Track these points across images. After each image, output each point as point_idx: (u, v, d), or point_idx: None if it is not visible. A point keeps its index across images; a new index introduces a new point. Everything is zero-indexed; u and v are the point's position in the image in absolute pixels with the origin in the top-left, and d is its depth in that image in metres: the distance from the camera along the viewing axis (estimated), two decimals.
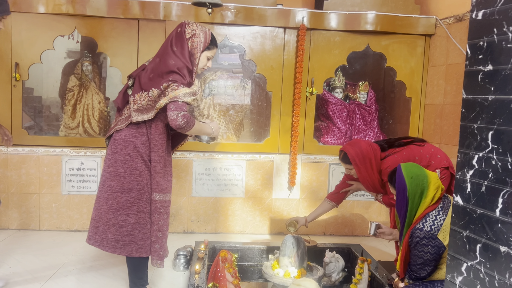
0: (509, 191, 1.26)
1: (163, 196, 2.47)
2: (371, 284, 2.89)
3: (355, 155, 2.77)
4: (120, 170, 2.42)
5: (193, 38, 2.38)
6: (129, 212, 2.45)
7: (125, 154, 2.40)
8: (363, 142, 2.86)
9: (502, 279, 1.27)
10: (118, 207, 2.44)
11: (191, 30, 2.38)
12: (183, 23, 2.42)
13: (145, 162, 2.43)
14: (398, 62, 4.15)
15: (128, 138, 2.41)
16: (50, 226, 3.95)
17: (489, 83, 1.34)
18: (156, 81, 2.33)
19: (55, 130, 4.21)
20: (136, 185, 2.43)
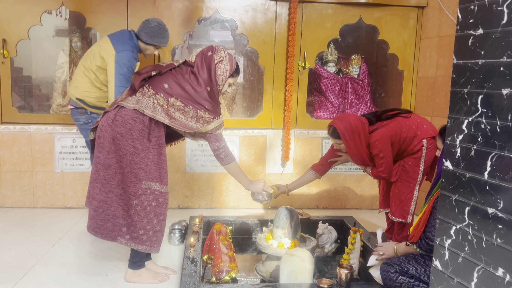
0: (497, 153, 1.27)
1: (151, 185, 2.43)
2: (363, 254, 2.95)
3: (345, 130, 2.77)
4: (107, 144, 2.40)
5: (219, 65, 2.45)
6: (101, 188, 2.43)
7: (117, 132, 2.38)
8: (352, 116, 2.85)
9: (489, 239, 1.30)
10: (96, 178, 2.45)
11: (219, 57, 2.46)
12: (213, 48, 2.48)
13: (134, 147, 2.38)
14: (390, 35, 4.13)
15: (128, 119, 2.38)
16: (45, 204, 3.96)
17: (480, 47, 1.34)
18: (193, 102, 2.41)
19: (46, 109, 4.17)
20: (115, 163, 2.41)
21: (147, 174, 2.41)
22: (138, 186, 2.40)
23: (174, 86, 2.40)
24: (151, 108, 2.38)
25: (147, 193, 2.42)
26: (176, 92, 2.40)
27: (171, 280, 2.66)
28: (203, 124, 2.44)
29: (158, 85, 2.41)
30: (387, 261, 2.31)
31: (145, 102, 2.39)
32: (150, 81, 2.45)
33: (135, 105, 2.38)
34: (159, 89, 2.40)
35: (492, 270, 1.29)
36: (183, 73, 2.45)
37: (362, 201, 4.30)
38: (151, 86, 2.42)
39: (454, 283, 1.44)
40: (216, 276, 2.59)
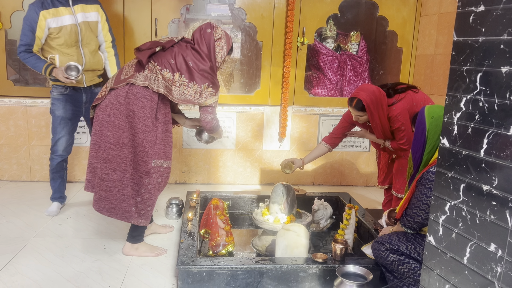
0: (494, 131, 1.28)
1: (159, 162, 2.48)
2: (357, 230, 2.99)
3: (370, 101, 2.70)
4: (120, 122, 2.40)
5: (218, 42, 2.53)
6: (116, 168, 2.43)
7: (129, 110, 2.38)
8: (374, 87, 2.79)
9: (483, 216, 1.32)
10: (107, 159, 2.43)
11: (218, 34, 2.53)
12: (212, 25, 2.55)
13: (146, 125, 2.40)
14: (390, 11, 4.08)
15: (140, 97, 2.38)
16: (42, 178, 3.97)
17: (480, 24, 1.33)
18: (197, 77, 2.46)
19: (41, 82, 4.13)
20: (128, 142, 2.42)
21: (156, 152, 2.45)
22: (150, 165, 2.44)
23: (179, 62, 2.43)
24: (159, 84, 2.40)
25: (156, 171, 2.47)
26: (181, 68, 2.44)
27: (169, 253, 2.70)
28: (206, 98, 2.49)
29: (164, 60, 2.43)
30: (378, 239, 2.34)
31: (153, 79, 2.40)
32: (155, 57, 2.44)
33: (144, 81, 2.38)
34: (164, 65, 2.42)
35: (485, 246, 1.32)
36: (185, 49, 2.48)
37: (358, 178, 4.34)
38: (157, 62, 2.43)
39: (447, 258, 1.47)
40: (213, 249, 2.63)
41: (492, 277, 1.30)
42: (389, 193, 3.16)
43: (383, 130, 2.84)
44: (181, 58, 2.45)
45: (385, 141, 2.91)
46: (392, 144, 2.88)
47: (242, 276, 2.30)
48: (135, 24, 3.83)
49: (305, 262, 2.37)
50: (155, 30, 3.84)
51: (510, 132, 1.23)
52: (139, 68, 2.43)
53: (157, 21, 3.84)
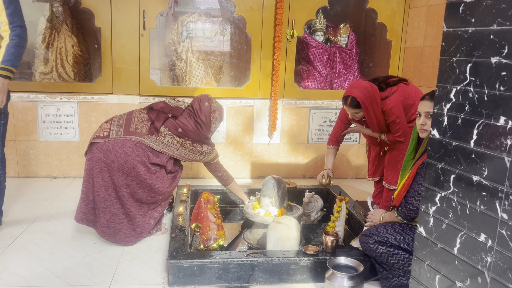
0: (484, 122, 1.28)
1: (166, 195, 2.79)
2: (348, 222, 3.01)
3: (364, 98, 2.71)
4: (126, 169, 2.58)
5: (213, 114, 2.85)
6: (124, 201, 2.63)
7: (137, 161, 2.59)
8: (365, 83, 2.79)
9: (473, 206, 1.33)
10: (116, 196, 2.62)
11: (213, 107, 2.85)
12: (208, 98, 2.88)
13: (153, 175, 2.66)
14: (379, 3, 4.08)
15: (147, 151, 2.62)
16: (29, 173, 3.92)
17: (470, 14, 1.33)
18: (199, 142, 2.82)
19: (28, 76, 4.06)
20: (135, 184, 2.63)
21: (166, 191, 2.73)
22: (158, 198, 2.72)
23: (186, 130, 2.75)
24: (169, 148, 2.69)
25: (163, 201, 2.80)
26: (187, 135, 2.76)
27: (160, 247, 2.69)
28: (205, 156, 2.84)
29: (174, 128, 2.73)
30: (365, 232, 2.35)
31: (163, 142, 2.67)
32: (166, 124, 2.72)
33: (155, 144, 2.64)
34: (174, 131, 2.72)
35: (475, 236, 1.33)
36: (189, 119, 2.78)
37: (348, 170, 4.35)
38: (168, 128, 2.71)
39: (438, 249, 1.48)
40: (204, 243, 2.62)
41: (482, 267, 1.31)
42: (380, 185, 3.18)
43: (378, 124, 2.85)
44: (187, 127, 2.75)
45: (381, 134, 2.92)
46: (388, 137, 2.89)
47: (233, 269, 2.30)
48: (122, 17, 3.78)
49: (296, 255, 2.37)
50: (143, 23, 3.80)
51: (499, 122, 1.23)
52: (152, 131, 2.68)
53: (145, 14, 3.79)
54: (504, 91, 1.22)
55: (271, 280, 2.34)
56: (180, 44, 4.13)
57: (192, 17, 4.16)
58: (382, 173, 3.13)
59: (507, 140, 1.21)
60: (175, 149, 2.72)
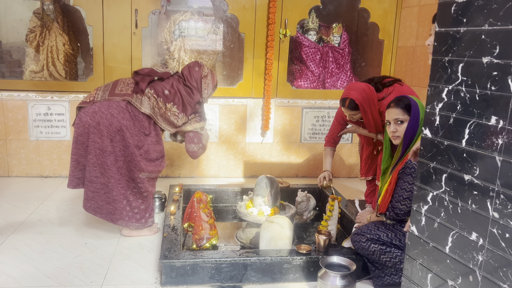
0: (475, 121, 1.29)
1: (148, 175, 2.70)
2: (340, 221, 3.02)
3: (362, 100, 2.70)
4: (110, 132, 2.55)
5: (205, 79, 2.81)
6: (103, 172, 2.60)
7: (123, 124, 2.56)
8: (362, 84, 2.79)
9: (464, 205, 1.34)
10: (96, 163, 2.59)
11: (204, 72, 2.82)
12: (200, 64, 2.84)
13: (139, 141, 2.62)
14: (371, 3, 4.09)
15: (137, 114, 2.60)
16: (20, 173, 3.88)
17: (462, 14, 1.33)
18: (187, 110, 2.75)
19: (18, 75, 4.02)
20: (118, 152, 2.59)
21: (146, 166, 2.66)
22: (137, 175, 2.64)
23: (172, 93, 2.69)
24: (151, 109, 2.63)
25: (145, 181, 2.68)
26: (174, 99, 2.69)
27: (152, 247, 2.67)
28: (190, 124, 2.77)
29: (159, 90, 2.67)
30: (357, 231, 2.36)
31: (148, 104, 2.62)
32: (152, 85, 2.67)
33: (145, 109, 2.61)
34: (160, 94, 2.66)
35: (466, 235, 1.34)
36: (178, 83, 2.74)
37: (341, 169, 4.36)
38: (153, 90, 2.66)
39: (429, 247, 1.49)
40: (197, 243, 2.61)
41: (473, 266, 1.32)
42: (372, 184, 3.19)
43: (375, 125, 2.84)
44: (175, 90, 2.70)
45: (377, 134, 2.93)
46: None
47: (226, 269, 2.29)
48: (115, 15, 3.75)
49: (289, 254, 2.37)
50: (136, 21, 3.77)
51: (491, 122, 1.24)
52: (137, 90, 2.64)
53: (137, 12, 3.77)
54: (495, 91, 1.23)
55: (264, 279, 2.34)
56: (172, 43, 4.12)
57: (184, 15, 4.15)
58: (375, 172, 3.14)
59: (498, 140, 1.22)
60: (160, 111, 2.66)
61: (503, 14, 1.20)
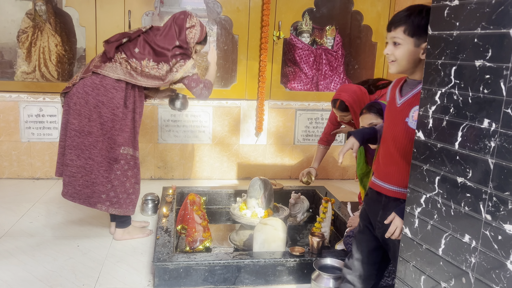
0: (468, 124, 1.30)
1: (127, 150, 2.56)
2: (334, 223, 3.02)
3: (352, 101, 2.72)
4: (86, 111, 2.46)
5: (191, 29, 2.59)
6: (80, 154, 2.50)
7: (98, 100, 2.46)
8: (354, 86, 2.81)
9: (457, 208, 1.35)
10: (72, 145, 2.49)
11: (192, 22, 2.60)
12: (186, 13, 2.62)
13: (115, 115, 2.49)
14: (365, 6, 4.11)
15: (109, 88, 2.47)
16: (11, 175, 3.84)
17: (455, 18, 1.34)
18: (165, 56, 2.52)
19: (9, 76, 3.99)
20: (97, 131, 2.48)
21: (125, 140, 2.52)
22: (118, 151, 2.52)
23: (144, 49, 2.51)
24: (127, 74, 2.48)
25: (124, 158, 2.54)
26: (147, 53, 2.51)
27: (145, 250, 2.66)
28: (177, 71, 2.54)
29: (129, 51, 2.50)
30: (349, 233, 2.37)
31: (120, 69, 2.48)
32: (121, 48, 2.51)
33: (110, 72, 2.46)
34: (130, 55, 2.50)
35: (459, 237, 1.34)
36: (152, 35, 2.55)
37: (334, 171, 4.37)
38: (123, 52, 2.50)
39: (423, 250, 1.49)
40: (190, 245, 2.60)
41: (466, 268, 1.32)
42: None
43: None
44: (146, 44, 2.51)
45: None
46: None
47: (219, 271, 2.28)
48: (108, 17, 3.73)
49: (282, 256, 2.37)
50: (129, 22, 3.76)
51: (483, 125, 1.25)
52: (105, 59, 2.50)
53: (131, 14, 3.75)
54: (488, 94, 1.23)
55: (257, 281, 2.33)
56: None
57: None
58: None
59: (491, 142, 1.23)
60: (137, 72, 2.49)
61: (495, 18, 1.21)
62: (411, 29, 1.59)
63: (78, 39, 4.17)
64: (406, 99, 1.67)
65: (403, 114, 1.65)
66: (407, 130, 1.63)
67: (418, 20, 1.59)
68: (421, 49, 1.60)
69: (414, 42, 1.60)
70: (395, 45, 1.63)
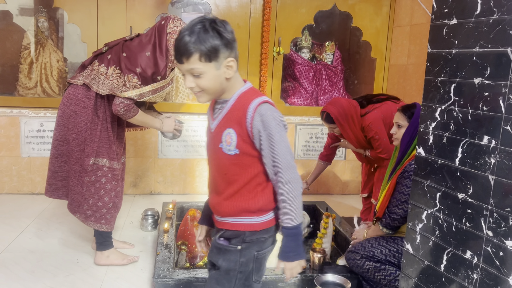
0: (468, 141, 1.31)
1: (99, 161, 2.47)
2: (335, 238, 3.01)
3: (338, 114, 2.80)
4: (64, 121, 2.47)
5: (172, 34, 2.36)
6: (67, 160, 2.51)
7: (72, 110, 2.43)
8: (343, 100, 2.89)
9: (458, 224, 1.35)
10: (57, 154, 2.51)
11: (173, 26, 2.37)
12: (168, 17, 2.42)
13: (85, 123, 2.41)
14: (364, 22, 4.16)
15: (81, 97, 2.43)
16: (11, 190, 3.84)
17: (453, 36, 1.37)
18: (128, 69, 2.35)
19: (11, 90, 4.01)
20: (72, 140, 2.46)
21: (94, 150, 2.45)
22: (87, 162, 2.44)
23: (115, 55, 2.39)
24: (94, 80, 2.39)
25: (94, 169, 2.46)
26: (116, 60, 2.38)
27: (145, 266, 2.64)
28: (128, 89, 2.32)
29: (104, 58, 2.43)
30: (351, 249, 2.36)
31: (91, 76, 2.41)
32: (99, 57, 2.46)
33: (84, 79, 2.41)
34: (102, 61, 2.41)
35: (461, 253, 1.34)
36: (132, 43, 2.42)
37: (334, 186, 4.37)
38: (98, 60, 2.44)
39: (425, 266, 1.49)
40: (190, 261, 2.59)
41: (468, 284, 1.32)
42: (368, 202, 3.20)
43: (357, 140, 2.91)
44: (120, 51, 2.38)
45: (365, 150, 2.98)
46: (371, 153, 2.95)
47: None
48: (109, 33, 3.77)
49: (283, 272, 2.35)
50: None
51: (483, 141, 1.26)
52: (81, 69, 2.48)
53: (132, 30, 3.79)
54: (487, 111, 1.25)
55: None
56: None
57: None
58: (371, 190, 3.16)
59: (491, 159, 1.24)
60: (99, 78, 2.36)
61: (493, 37, 1.23)
62: (207, 54, 1.35)
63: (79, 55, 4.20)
64: (218, 123, 1.49)
65: (217, 139, 1.48)
66: (225, 156, 1.47)
67: (208, 42, 1.35)
68: (224, 67, 1.40)
69: (215, 65, 1.38)
70: (195, 76, 1.39)
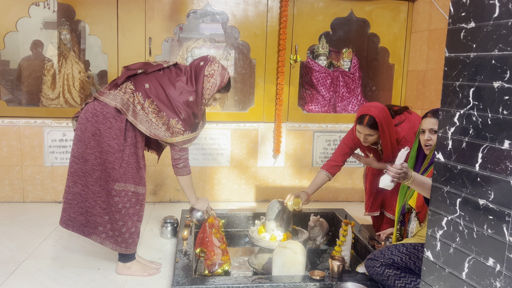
0: (488, 145, 1.29)
1: (125, 186, 2.43)
2: (354, 246, 2.98)
3: (382, 118, 2.57)
4: (85, 138, 2.39)
5: (209, 78, 2.40)
6: (77, 181, 2.43)
7: (96, 128, 2.36)
8: (380, 104, 2.68)
9: (480, 230, 1.32)
10: (70, 171, 2.44)
11: (211, 70, 2.41)
12: (207, 58, 2.45)
13: (110, 146, 2.36)
14: (381, 28, 4.14)
15: (109, 117, 2.36)
16: (35, 198, 3.93)
17: (471, 40, 1.35)
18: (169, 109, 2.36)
19: (35, 101, 4.12)
20: (94, 159, 2.40)
21: (121, 176, 2.40)
22: (112, 186, 2.40)
23: (155, 88, 2.37)
24: (128, 107, 2.35)
25: (121, 195, 2.43)
26: (155, 94, 2.36)
27: (164, 273, 2.66)
28: (171, 135, 2.41)
29: (140, 84, 2.38)
30: (371, 256, 2.33)
31: (120, 98, 2.36)
32: (134, 79, 2.42)
33: (116, 103, 2.35)
34: (139, 88, 2.37)
35: (483, 260, 1.31)
36: (170, 76, 2.41)
37: (353, 194, 4.33)
38: (133, 83, 2.39)
39: (445, 273, 1.46)
40: (209, 269, 2.59)
41: None
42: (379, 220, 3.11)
43: (392, 149, 2.71)
44: (159, 85, 2.36)
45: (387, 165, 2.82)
46: None
47: None
48: (129, 44, 3.85)
49: (302, 280, 2.34)
50: (149, 49, 3.87)
51: (504, 146, 1.24)
52: (112, 86, 2.41)
53: (151, 40, 3.86)
54: (508, 115, 1.23)
55: None
56: None
57: (197, 43, 4.24)
58: (382, 206, 3.08)
59: None
60: (134, 108, 2.33)
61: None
62: None
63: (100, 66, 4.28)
64: None
65: None
66: None
67: None
68: None
69: None
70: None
